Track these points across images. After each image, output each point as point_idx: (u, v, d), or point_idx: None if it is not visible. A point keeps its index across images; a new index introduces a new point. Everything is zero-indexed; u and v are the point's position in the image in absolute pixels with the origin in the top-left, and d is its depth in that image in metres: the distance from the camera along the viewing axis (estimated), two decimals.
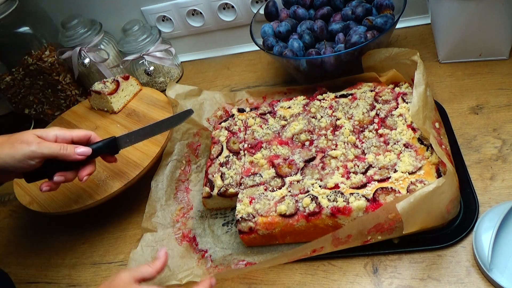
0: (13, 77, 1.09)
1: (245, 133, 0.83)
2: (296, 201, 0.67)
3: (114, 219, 0.86)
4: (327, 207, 0.64)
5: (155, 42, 1.10)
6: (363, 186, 0.66)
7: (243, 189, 0.73)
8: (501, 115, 0.77)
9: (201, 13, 1.13)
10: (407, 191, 0.63)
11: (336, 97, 0.84)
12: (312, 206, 0.65)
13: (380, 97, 0.79)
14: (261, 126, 0.83)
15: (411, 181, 0.64)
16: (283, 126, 0.81)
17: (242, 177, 0.75)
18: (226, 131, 0.84)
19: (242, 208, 0.69)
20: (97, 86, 1.00)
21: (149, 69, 1.09)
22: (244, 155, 0.79)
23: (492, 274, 0.56)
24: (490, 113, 0.78)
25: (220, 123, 0.87)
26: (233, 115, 0.88)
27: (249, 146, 0.80)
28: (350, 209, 0.63)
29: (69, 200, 0.81)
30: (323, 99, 0.84)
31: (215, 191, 0.75)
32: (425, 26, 1.02)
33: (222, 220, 0.77)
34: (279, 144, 0.79)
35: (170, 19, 1.16)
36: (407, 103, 0.76)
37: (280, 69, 1.08)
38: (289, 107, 0.85)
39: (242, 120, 0.86)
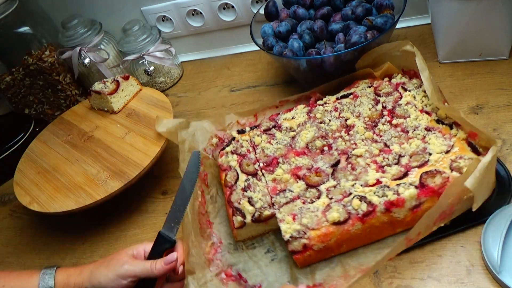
0: (13, 77, 1.09)
1: (255, 152, 0.78)
2: (344, 205, 0.63)
3: (114, 219, 0.85)
4: (379, 203, 0.62)
5: (155, 42, 1.10)
6: (405, 175, 0.65)
7: (278, 209, 0.67)
8: (501, 115, 0.77)
9: (201, 13, 1.13)
10: (451, 170, 0.63)
11: (337, 98, 0.83)
12: (364, 206, 0.62)
13: (380, 90, 0.80)
14: (269, 142, 0.79)
15: (451, 159, 0.64)
16: (293, 137, 0.78)
17: (272, 197, 0.69)
18: (235, 155, 0.78)
19: (287, 227, 0.63)
20: (97, 86, 1.00)
21: (149, 69, 1.09)
22: (263, 174, 0.74)
23: (502, 277, 0.56)
24: (490, 113, 0.78)
25: (223, 149, 0.81)
26: (233, 138, 0.82)
27: (265, 164, 0.75)
28: (403, 200, 0.61)
29: (69, 200, 0.81)
30: (325, 103, 0.83)
31: (248, 218, 0.67)
32: (425, 26, 1.02)
33: (263, 249, 0.70)
34: (296, 155, 0.75)
35: (170, 19, 1.16)
36: (410, 91, 0.77)
37: (280, 69, 1.08)
38: (292, 118, 0.82)
39: (247, 141, 0.81)
